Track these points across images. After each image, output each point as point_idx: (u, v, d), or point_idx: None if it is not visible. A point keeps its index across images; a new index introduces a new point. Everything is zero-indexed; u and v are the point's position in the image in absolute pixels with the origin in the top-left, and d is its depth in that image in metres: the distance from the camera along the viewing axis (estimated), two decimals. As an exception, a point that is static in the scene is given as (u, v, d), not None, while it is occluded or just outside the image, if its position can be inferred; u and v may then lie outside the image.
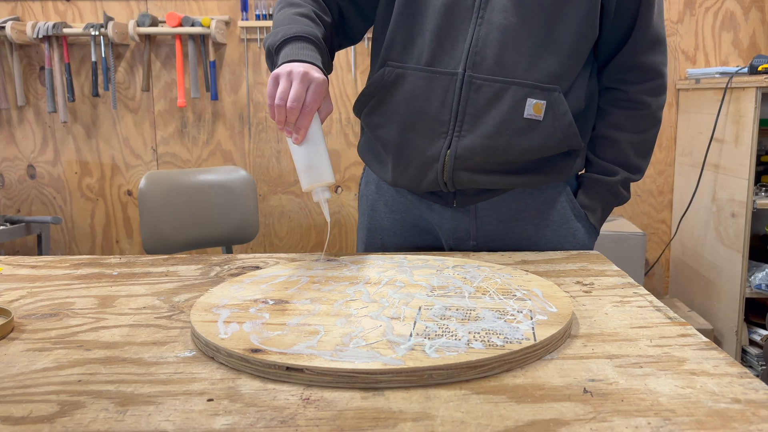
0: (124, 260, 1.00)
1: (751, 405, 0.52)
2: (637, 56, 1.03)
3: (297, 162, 0.91)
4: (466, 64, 0.96)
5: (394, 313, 0.69)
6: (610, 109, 1.06)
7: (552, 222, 1.05)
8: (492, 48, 0.95)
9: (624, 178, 1.07)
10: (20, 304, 0.79)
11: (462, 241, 1.06)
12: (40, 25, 2.65)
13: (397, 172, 1.04)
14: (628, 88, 1.05)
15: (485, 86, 0.96)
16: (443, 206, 1.05)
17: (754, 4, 2.63)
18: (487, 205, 1.04)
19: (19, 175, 2.90)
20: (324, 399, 0.53)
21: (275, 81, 0.88)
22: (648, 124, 1.07)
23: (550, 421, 0.49)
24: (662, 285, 2.84)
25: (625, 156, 1.06)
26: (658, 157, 2.74)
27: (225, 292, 0.77)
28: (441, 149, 0.99)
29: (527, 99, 0.96)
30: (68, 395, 0.54)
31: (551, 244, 1.05)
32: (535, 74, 0.96)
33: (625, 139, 1.06)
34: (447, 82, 0.97)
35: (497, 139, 0.97)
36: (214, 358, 0.62)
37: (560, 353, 0.62)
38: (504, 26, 0.95)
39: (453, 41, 0.97)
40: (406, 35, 1.01)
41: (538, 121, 0.97)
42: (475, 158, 0.98)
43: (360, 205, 1.18)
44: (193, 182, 2.05)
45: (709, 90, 2.42)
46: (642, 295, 0.80)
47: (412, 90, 0.99)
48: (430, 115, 0.99)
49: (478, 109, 0.97)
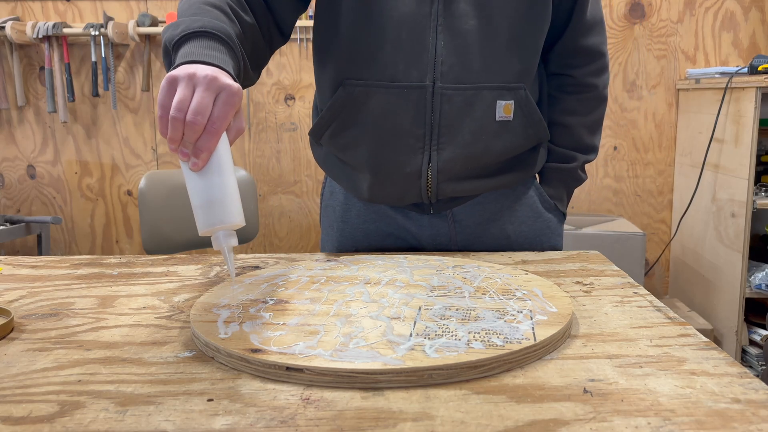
0: (124, 260, 1.00)
1: (751, 405, 0.52)
2: (578, 40, 1.04)
3: (193, 195, 0.69)
4: (434, 75, 0.93)
5: (394, 313, 0.69)
6: (560, 96, 1.07)
7: (527, 218, 1.06)
8: (457, 55, 0.93)
9: (582, 162, 1.09)
10: (20, 304, 0.79)
11: (442, 246, 1.06)
12: (40, 25, 2.65)
13: (375, 191, 1.01)
14: (574, 72, 1.06)
15: (456, 96, 0.94)
16: (420, 214, 1.05)
17: (754, 4, 2.64)
18: (462, 210, 1.04)
19: (19, 175, 2.90)
20: (324, 399, 0.53)
21: (171, 86, 0.68)
22: (596, 104, 1.08)
23: (550, 421, 0.49)
24: (662, 285, 2.84)
25: (580, 139, 1.08)
26: (658, 157, 2.75)
27: (225, 292, 0.77)
28: (421, 164, 0.97)
29: (497, 101, 0.96)
30: (68, 395, 0.54)
31: (529, 239, 1.07)
32: (502, 75, 0.95)
33: (578, 123, 1.07)
34: (417, 96, 0.94)
35: (475, 147, 0.97)
36: (214, 358, 0.62)
37: (560, 353, 0.62)
38: (466, 31, 0.93)
39: (416, 53, 0.93)
40: (364, 50, 0.94)
41: (509, 121, 0.98)
42: (456, 168, 0.98)
43: (325, 216, 1.12)
44: (193, 182, 2.04)
45: (709, 90, 2.42)
46: (642, 295, 0.80)
47: (380, 107, 0.95)
48: (404, 131, 0.95)
49: (453, 119, 0.95)
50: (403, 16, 0.92)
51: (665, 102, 2.71)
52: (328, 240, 1.12)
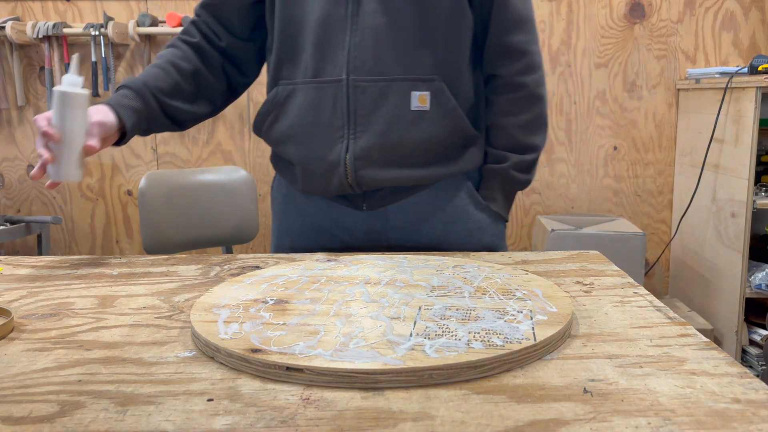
0: (124, 260, 1.00)
1: (751, 405, 0.52)
2: (502, 38, 1.05)
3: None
4: (348, 70, 1.00)
5: (394, 313, 0.69)
6: (493, 98, 1.09)
7: (458, 218, 1.08)
8: (369, 51, 1.00)
9: (516, 162, 1.08)
10: (20, 304, 0.79)
11: (375, 242, 1.09)
12: (40, 25, 2.65)
13: (306, 182, 1.08)
14: (501, 72, 1.07)
15: (370, 87, 1.00)
16: (354, 209, 1.08)
17: (754, 4, 2.63)
18: (396, 208, 1.07)
19: (19, 175, 2.90)
20: (324, 399, 0.53)
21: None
22: (530, 103, 1.08)
23: (550, 421, 0.49)
24: (662, 285, 2.84)
25: (515, 140, 1.08)
26: (658, 157, 2.75)
27: (225, 292, 0.77)
28: (340, 153, 1.02)
29: (411, 92, 1.00)
30: (68, 395, 0.54)
31: (461, 239, 1.09)
32: (415, 68, 1.00)
33: (511, 124, 1.08)
34: (334, 90, 1.01)
35: (390, 135, 1.01)
36: (214, 358, 0.62)
37: (560, 353, 0.62)
38: (377, 28, 0.99)
39: (333, 51, 1.01)
40: (290, 53, 1.05)
41: (426, 111, 1.01)
42: (373, 156, 1.02)
43: (272, 208, 1.20)
44: (193, 182, 2.04)
45: (709, 90, 2.42)
46: (642, 295, 0.80)
47: (304, 103, 1.03)
48: (325, 124, 1.02)
49: (367, 109, 1.01)
50: (321, 20, 1.01)
51: (665, 102, 2.71)
52: (273, 230, 1.19)
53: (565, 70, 2.70)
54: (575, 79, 2.70)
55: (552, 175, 2.77)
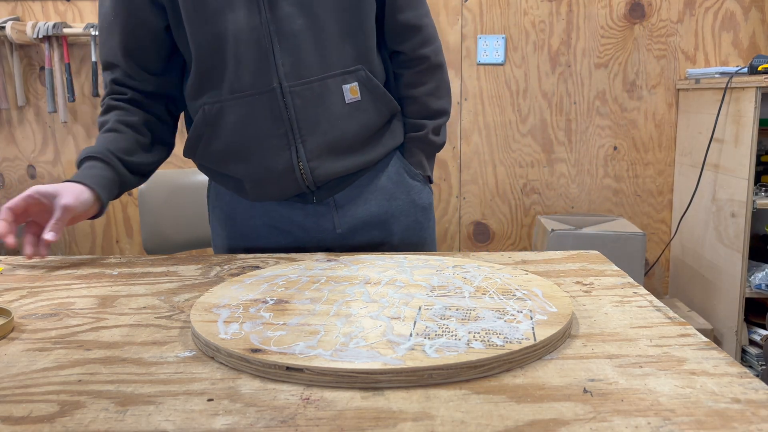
0: (124, 260, 1.00)
1: (751, 405, 0.52)
2: (396, 16, 1.09)
3: None
4: (279, 77, 1.00)
5: (394, 313, 0.69)
6: (400, 71, 1.14)
7: (397, 190, 1.14)
8: (293, 54, 1.00)
9: (432, 128, 1.15)
10: (20, 304, 0.79)
11: (327, 231, 1.11)
12: (40, 25, 2.65)
13: (256, 191, 1.08)
14: (403, 48, 1.11)
15: (304, 91, 1.01)
16: (304, 203, 1.10)
17: (754, 4, 2.64)
18: (342, 195, 1.10)
19: (19, 175, 2.90)
20: (324, 399, 0.53)
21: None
22: (433, 72, 1.14)
23: (550, 421, 0.49)
24: (662, 285, 2.84)
25: (427, 108, 1.15)
26: (658, 157, 2.75)
27: (225, 292, 0.77)
28: (291, 160, 1.03)
29: (342, 86, 1.03)
30: (68, 395, 0.55)
31: (406, 207, 1.14)
32: (340, 63, 1.02)
33: (421, 93, 1.14)
34: (268, 100, 1.00)
35: (334, 131, 1.03)
36: (214, 358, 0.62)
37: (560, 353, 0.62)
38: (297, 31, 1.00)
39: (257, 61, 0.99)
40: (211, 72, 1.02)
41: (359, 101, 1.05)
42: (324, 154, 1.04)
43: (213, 217, 1.18)
44: (193, 182, 2.04)
45: (709, 90, 2.42)
46: (642, 295, 0.80)
47: (238, 119, 1.02)
48: (266, 134, 1.02)
49: (308, 112, 1.02)
50: (238, 32, 0.99)
51: (665, 102, 2.71)
52: (219, 239, 1.18)
53: (565, 70, 2.70)
54: (575, 79, 2.70)
55: (552, 175, 2.77)
